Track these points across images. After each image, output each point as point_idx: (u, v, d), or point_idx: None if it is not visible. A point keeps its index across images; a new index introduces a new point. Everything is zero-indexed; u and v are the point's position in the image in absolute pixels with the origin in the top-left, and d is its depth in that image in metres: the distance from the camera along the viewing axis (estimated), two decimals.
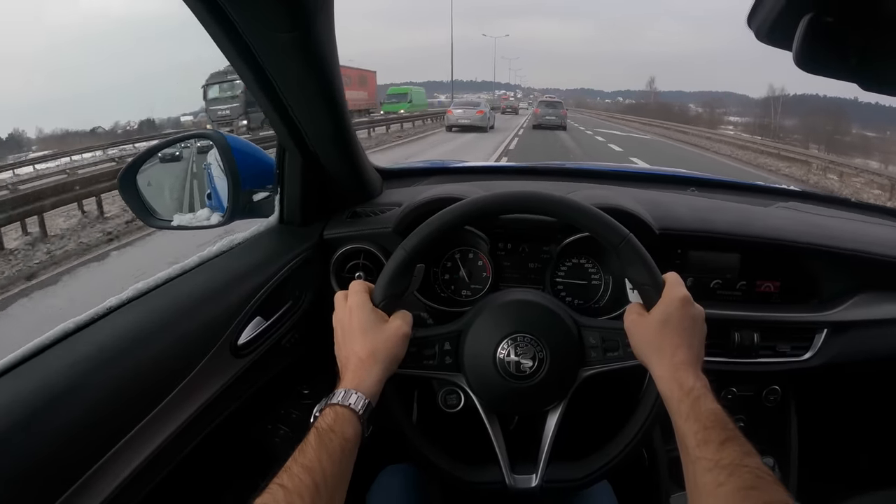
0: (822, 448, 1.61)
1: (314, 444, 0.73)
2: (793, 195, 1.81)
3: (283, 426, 1.36)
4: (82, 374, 0.79)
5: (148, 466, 0.83)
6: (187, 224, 1.32)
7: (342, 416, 0.77)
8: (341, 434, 0.75)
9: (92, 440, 0.76)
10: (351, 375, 0.83)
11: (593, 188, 1.56)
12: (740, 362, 1.28)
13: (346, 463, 0.75)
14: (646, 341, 0.87)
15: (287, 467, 0.70)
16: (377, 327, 0.88)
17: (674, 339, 0.84)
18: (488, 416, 0.99)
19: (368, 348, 0.86)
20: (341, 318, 0.91)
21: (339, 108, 1.14)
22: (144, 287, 1.01)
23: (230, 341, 1.02)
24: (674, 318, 0.86)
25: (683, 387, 0.80)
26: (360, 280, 0.94)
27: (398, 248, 0.94)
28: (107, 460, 0.77)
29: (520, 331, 0.96)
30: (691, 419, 0.76)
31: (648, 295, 0.90)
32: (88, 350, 0.84)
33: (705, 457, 0.71)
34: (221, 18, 0.85)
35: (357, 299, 0.90)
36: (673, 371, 0.82)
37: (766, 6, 0.94)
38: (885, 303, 1.37)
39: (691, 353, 0.84)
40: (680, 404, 0.78)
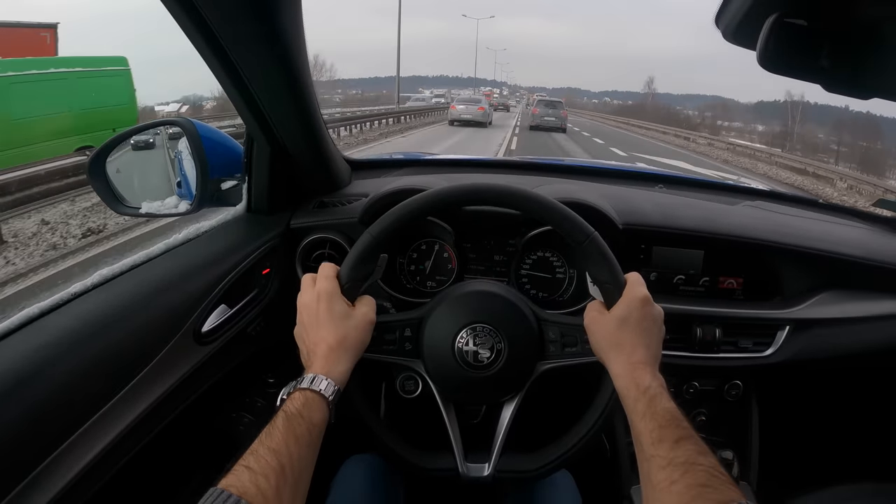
0: (782, 442, 1.64)
1: (282, 427, 0.73)
2: (760, 194, 1.84)
3: (248, 414, 1.36)
4: (45, 360, 0.79)
5: (110, 452, 0.83)
6: (155, 212, 1.32)
7: (311, 401, 0.78)
8: (309, 419, 0.76)
9: (54, 425, 0.77)
10: (322, 362, 0.83)
11: (560, 182, 1.58)
12: (702, 357, 1.31)
13: (312, 448, 0.75)
14: (604, 339, 0.88)
15: (253, 449, 0.70)
16: (346, 315, 0.88)
17: (632, 337, 0.86)
18: (444, 403, 1.00)
19: (338, 336, 0.86)
20: (308, 303, 0.90)
21: (307, 98, 1.14)
22: (109, 273, 1.01)
23: (194, 328, 1.02)
24: (633, 317, 0.87)
25: (640, 385, 0.81)
26: (329, 263, 0.94)
27: (364, 232, 0.94)
28: (68, 446, 0.77)
29: (479, 321, 0.97)
30: (647, 417, 0.77)
31: (609, 293, 0.91)
32: (52, 336, 0.84)
33: (660, 454, 0.72)
34: (187, 5, 0.86)
35: (326, 285, 0.90)
36: (630, 369, 0.83)
37: (733, 7, 0.97)
38: (847, 301, 1.40)
39: (649, 352, 0.85)
40: (636, 403, 0.80)
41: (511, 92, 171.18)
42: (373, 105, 44.67)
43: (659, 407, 0.78)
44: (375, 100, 63.04)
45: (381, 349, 0.97)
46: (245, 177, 1.29)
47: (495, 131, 24.65)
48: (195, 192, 1.27)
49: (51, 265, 5.44)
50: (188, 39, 0.94)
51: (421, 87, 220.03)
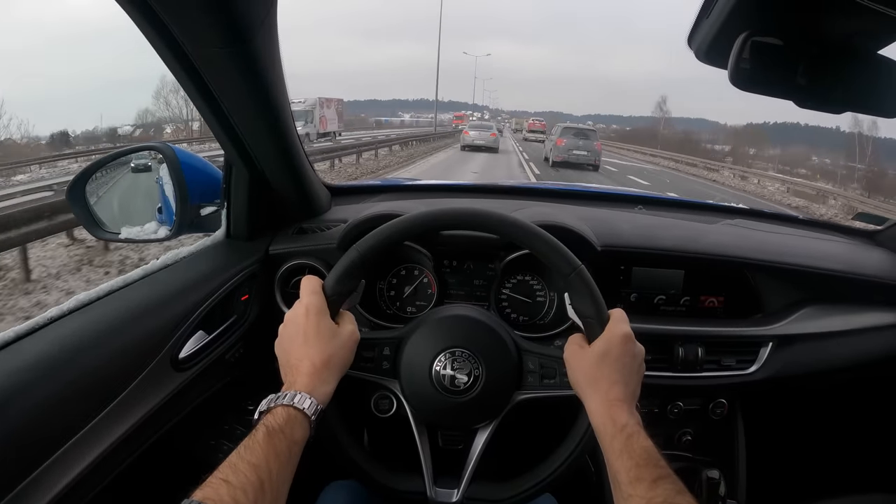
0: (769, 459, 1.64)
1: (262, 441, 0.72)
2: (740, 212, 1.86)
3: (227, 441, 1.34)
4: (19, 385, 0.78)
5: (85, 479, 0.82)
6: (135, 237, 1.31)
7: (293, 418, 0.77)
8: (290, 436, 0.75)
9: (28, 451, 0.76)
10: (306, 379, 0.83)
11: (539, 206, 1.58)
12: (685, 376, 1.30)
13: (291, 465, 0.75)
14: (583, 374, 0.88)
15: (232, 462, 0.69)
16: (333, 333, 0.88)
17: (611, 374, 0.85)
18: (418, 426, 1.00)
19: (324, 356, 0.85)
20: (294, 317, 0.89)
21: (284, 124, 1.14)
22: (86, 298, 1.00)
23: (171, 354, 1.02)
24: (613, 354, 0.87)
25: (617, 423, 0.80)
26: (313, 277, 0.93)
27: (351, 248, 0.94)
28: (42, 472, 0.76)
29: (459, 346, 0.97)
30: (624, 456, 0.77)
31: (591, 328, 0.91)
32: (27, 360, 0.83)
33: (637, 494, 0.72)
34: (163, 32, 0.86)
35: (314, 300, 0.89)
36: (607, 406, 0.83)
37: (704, 28, 1.00)
38: (829, 315, 1.41)
39: (627, 389, 0.85)
40: (613, 440, 0.79)
41: (493, 115, 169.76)
42: (350, 131, 43.99)
43: (636, 445, 0.77)
44: (350, 124, 61.35)
45: (358, 366, 0.96)
46: (224, 203, 1.29)
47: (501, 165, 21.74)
48: (174, 217, 1.26)
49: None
50: (166, 67, 0.94)
51: (400, 110, 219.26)
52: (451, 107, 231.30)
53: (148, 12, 0.82)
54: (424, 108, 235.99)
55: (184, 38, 0.87)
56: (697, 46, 1.02)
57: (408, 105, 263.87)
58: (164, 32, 0.86)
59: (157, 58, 0.92)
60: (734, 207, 1.98)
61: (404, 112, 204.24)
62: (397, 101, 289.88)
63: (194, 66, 0.94)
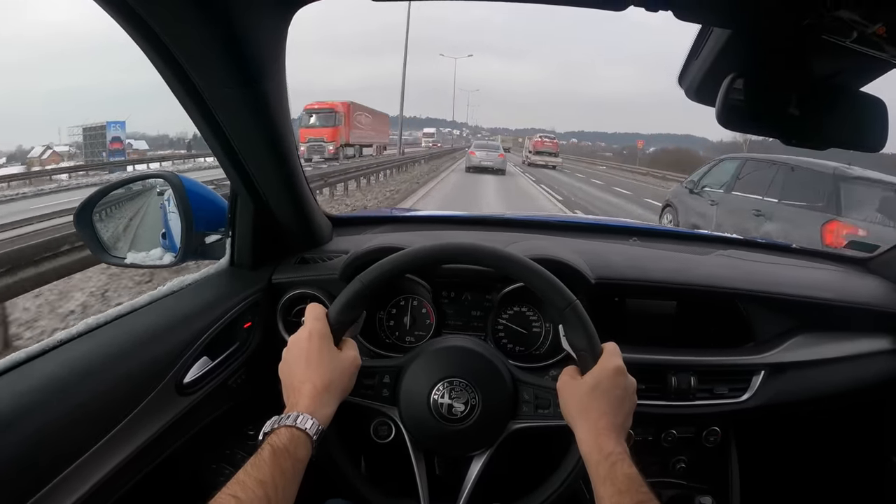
0: (762, 487, 1.64)
1: (268, 459, 0.75)
2: (733, 243, 1.88)
3: (228, 466, 1.36)
4: (30, 405, 0.80)
5: (88, 502, 0.83)
6: (140, 262, 1.34)
7: (297, 438, 0.80)
8: (294, 454, 0.78)
9: (34, 472, 0.77)
10: (307, 402, 0.85)
11: (535, 239, 1.61)
12: (678, 405, 1.32)
13: (295, 483, 0.77)
14: (573, 404, 0.91)
15: (240, 479, 0.72)
16: (335, 358, 0.91)
17: (601, 405, 0.88)
18: (415, 452, 1.02)
19: (325, 380, 0.88)
20: (298, 341, 0.92)
21: (289, 158, 1.18)
22: (94, 322, 1.03)
23: (176, 379, 1.04)
24: (604, 386, 0.89)
25: (603, 451, 0.83)
26: (317, 304, 0.96)
27: (354, 280, 0.98)
28: (47, 492, 0.77)
29: (456, 375, 1.00)
30: (607, 483, 0.79)
31: (585, 360, 0.94)
32: (36, 382, 0.85)
33: None
34: (177, 70, 0.90)
35: (318, 326, 0.92)
36: (595, 435, 0.85)
37: (694, 69, 1.04)
38: (820, 343, 1.43)
39: (616, 420, 0.87)
40: (598, 467, 0.82)
41: (472, 133, 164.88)
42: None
43: (619, 472, 0.80)
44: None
45: (359, 393, 0.99)
46: (229, 231, 1.32)
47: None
48: (179, 244, 1.29)
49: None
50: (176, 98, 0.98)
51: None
52: (427, 123, 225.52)
53: (163, 50, 0.86)
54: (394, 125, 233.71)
55: (198, 77, 0.92)
56: (687, 86, 1.06)
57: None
58: (176, 68, 0.90)
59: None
60: (727, 238, 2.00)
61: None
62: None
63: (206, 102, 0.98)
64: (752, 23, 0.86)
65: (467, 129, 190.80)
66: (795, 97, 0.93)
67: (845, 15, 0.74)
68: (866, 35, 0.76)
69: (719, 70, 0.95)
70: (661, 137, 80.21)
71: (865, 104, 0.97)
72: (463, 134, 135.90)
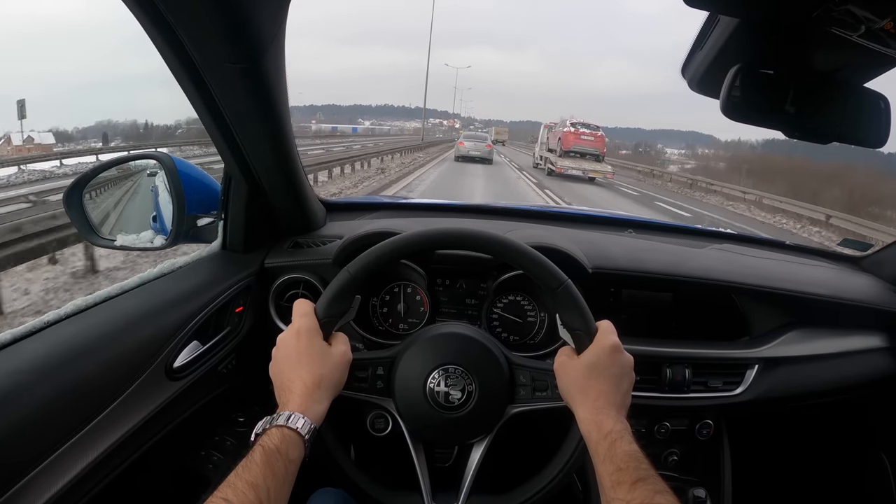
0: (754, 480, 1.66)
1: (259, 462, 0.74)
2: (728, 237, 1.90)
3: (217, 453, 1.35)
4: (14, 387, 0.79)
5: (77, 485, 0.82)
6: (130, 245, 1.32)
7: (289, 439, 0.79)
8: (286, 455, 0.77)
9: (20, 455, 0.76)
10: (299, 400, 0.84)
11: (532, 228, 1.61)
12: (672, 397, 1.32)
13: (287, 484, 0.76)
14: (572, 384, 0.91)
15: (231, 482, 0.71)
16: (325, 354, 0.90)
17: (599, 383, 0.88)
18: (414, 443, 1.01)
19: (315, 376, 0.87)
20: (286, 339, 0.91)
21: (286, 140, 1.17)
22: (83, 304, 1.01)
23: (165, 363, 1.03)
24: (601, 364, 0.89)
25: (602, 429, 0.83)
26: (305, 300, 0.95)
27: (343, 270, 0.97)
28: (35, 475, 0.77)
29: (452, 363, 0.99)
30: (607, 461, 0.79)
31: (580, 339, 0.94)
32: (24, 362, 0.84)
33: (618, 497, 0.74)
34: (174, 43, 0.88)
35: (305, 322, 0.92)
36: (594, 414, 0.85)
37: (698, 59, 1.03)
38: (814, 339, 1.44)
39: (615, 398, 0.87)
40: (598, 446, 0.82)
41: (465, 125, 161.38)
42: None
43: (619, 450, 0.80)
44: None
45: (352, 386, 0.98)
46: (222, 214, 1.30)
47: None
48: (171, 227, 1.27)
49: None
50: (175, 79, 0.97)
51: (361, 117, 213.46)
52: (418, 114, 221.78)
53: (162, 24, 0.84)
54: (388, 115, 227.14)
55: (195, 52, 0.90)
56: (691, 77, 1.05)
57: (370, 111, 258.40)
58: (176, 44, 0.88)
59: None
60: (723, 232, 2.01)
61: (365, 119, 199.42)
62: (359, 106, 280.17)
63: (203, 78, 0.96)
64: (762, 12, 0.85)
65: (459, 121, 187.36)
66: (800, 90, 0.93)
67: (854, 9, 0.73)
68: (874, 30, 0.75)
69: (724, 61, 0.94)
70: (664, 133, 76.78)
71: (869, 100, 0.96)
72: (456, 126, 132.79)
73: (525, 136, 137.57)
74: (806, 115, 0.94)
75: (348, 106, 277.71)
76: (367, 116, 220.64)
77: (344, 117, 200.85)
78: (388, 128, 78.42)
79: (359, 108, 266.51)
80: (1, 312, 4.85)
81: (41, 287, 5.55)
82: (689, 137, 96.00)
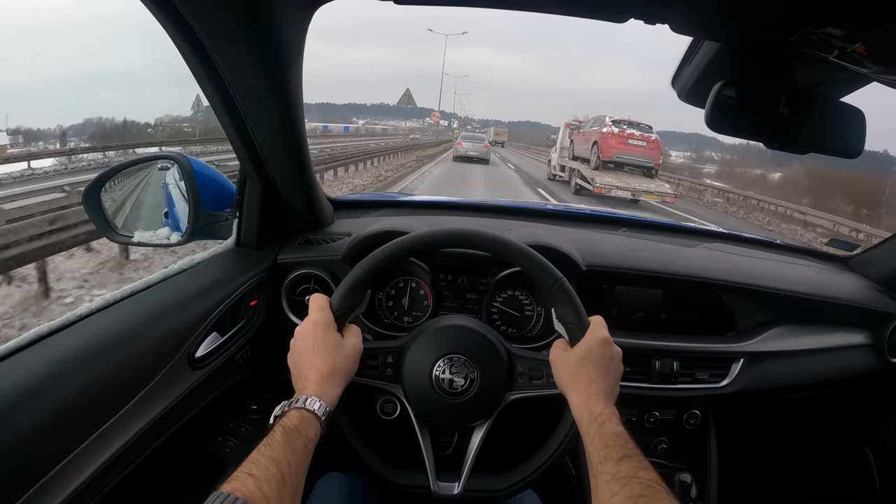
0: (739, 467, 1.73)
1: (280, 439, 0.81)
2: (719, 236, 1.96)
3: (233, 438, 1.42)
4: (52, 377, 0.84)
5: (108, 469, 0.88)
6: (147, 241, 1.38)
7: (306, 419, 0.86)
8: (304, 434, 0.84)
9: (57, 440, 0.82)
10: (315, 386, 0.92)
11: (529, 226, 1.67)
12: (661, 388, 1.40)
13: (306, 460, 0.83)
14: (566, 372, 0.98)
15: (254, 458, 0.77)
16: (338, 345, 0.97)
17: (591, 372, 0.95)
18: (420, 426, 1.08)
19: (330, 365, 0.94)
20: (304, 332, 0.98)
21: (300, 145, 1.24)
22: (112, 298, 1.08)
23: (188, 353, 1.09)
24: (593, 355, 0.97)
25: (593, 412, 0.90)
26: (320, 294, 1.03)
27: (356, 266, 1.04)
28: (70, 461, 0.82)
29: (456, 352, 1.06)
30: (596, 439, 0.87)
31: (574, 333, 1.01)
32: (60, 354, 0.89)
33: (605, 471, 0.81)
34: (205, 59, 0.96)
35: (321, 316, 0.99)
36: (586, 399, 0.93)
37: (686, 72, 1.11)
38: (797, 335, 1.51)
39: (605, 386, 0.95)
40: (588, 427, 0.89)
41: (461, 124, 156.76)
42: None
43: (607, 430, 0.87)
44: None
45: (364, 373, 1.05)
46: (236, 212, 1.36)
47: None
48: (186, 224, 1.33)
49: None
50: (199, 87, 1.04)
51: (356, 116, 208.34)
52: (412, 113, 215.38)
53: (195, 41, 0.92)
54: (383, 114, 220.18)
55: (225, 68, 0.98)
56: (680, 88, 1.12)
57: (364, 110, 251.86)
58: (206, 60, 0.96)
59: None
60: (713, 231, 2.07)
61: (359, 118, 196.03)
62: (353, 104, 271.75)
63: (229, 91, 1.04)
64: (743, 37, 0.92)
65: (456, 121, 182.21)
66: (779, 105, 1.00)
67: (829, 34, 0.79)
68: (847, 52, 0.82)
69: (710, 76, 1.01)
70: (666, 136, 71.03)
71: (845, 113, 1.03)
72: (453, 125, 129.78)
73: (525, 136, 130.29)
74: (786, 128, 1.01)
75: (343, 104, 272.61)
76: (363, 115, 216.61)
77: (338, 116, 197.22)
78: (382, 127, 76.91)
79: (354, 107, 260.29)
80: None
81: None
82: (693, 140, 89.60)
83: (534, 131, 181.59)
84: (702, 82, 1.03)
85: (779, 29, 0.83)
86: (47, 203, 7.54)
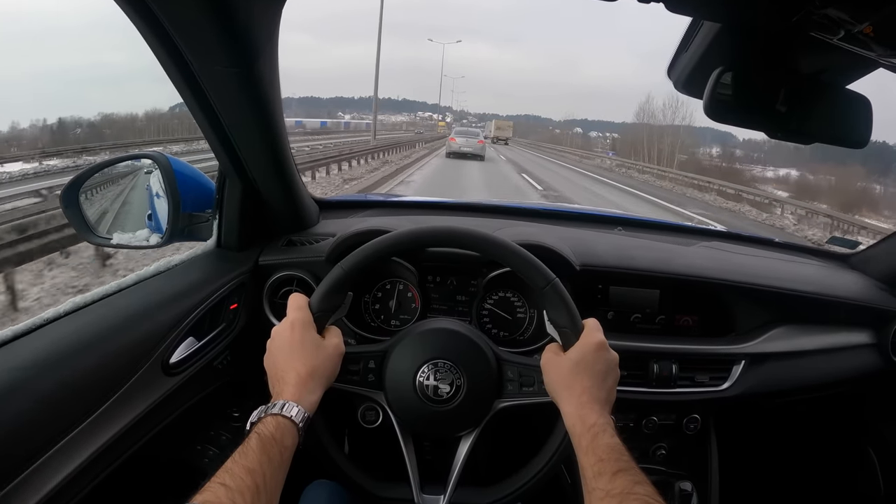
0: (741, 474, 1.68)
1: (256, 448, 0.76)
2: (717, 235, 1.91)
3: (213, 447, 1.37)
4: (16, 383, 0.80)
5: (75, 480, 0.84)
6: (126, 243, 1.34)
7: (283, 426, 0.81)
8: (281, 442, 0.79)
9: (20, 450, 0.77)
10: (292, 390, 0.87)
11: (521, 225, 1.63)
12: (660, 392, 1.35)
13: (283, 470, 0.79)
14: (558, 379, 0.93)
15: (228, 468, 0.73)
16: (318, 345, 0.92)
17: (584, 380, 0.90)
18: (404, 435, 1.03)
19: (309, 367, 0.89)
20: (281, 331, 0.94)
21: (279, 140, 1.19)
22: (82, 301, 1.03)
23: (162, 359, 1.04)
24: (587, 361, 0.91)
25: (586, 423, 0.85)
26: (299, 294, 0.98)
27: (336, 266, 0.99)
28: (34, 470, 0.78)
29: (441, 357, 1.01)
30: (589, 453, 0.82)
31: (567, 337, 0.96)
32: (24, 359, 0.85)
33: (599, 487, 0.77)
34: (171, 47, 0.91)
35: (299, 315, 0.94)
36: (579, 408, 0.88)
37: (683, 61, 1.06)
38: (799, 335, 1.46)
39: (600, 394, 0.90)
40: (581, 439, 0.84)
41: (457, 118, 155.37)
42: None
43: (601, 442, 0.82)
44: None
45: (344, 379, 1.00)
46: (216, 212, 1.32)
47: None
48: (166, 225, 1.29)
49: None
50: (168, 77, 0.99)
51: (342, 110, 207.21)
52: (405, 106, 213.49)
53: (158, 27, 0.86)
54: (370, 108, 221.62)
55: (191, 55, 0.92)
56: (676, 78, 1.08)
57: (352, 104, 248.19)
58: (172, 48, 0.91)
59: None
60: (711, 230, 2.04)
61: (345, 112, 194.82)
62: (340, 98, 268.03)
63: (198, 81, 0.98)
64: (742, 17, 0.87)
65: (451, 115, 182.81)
66: (782, 92, 0.95)
67: (833, 13, 0.75)
68: (853, 33, 0.77)
69: (708, 63, 0.96)
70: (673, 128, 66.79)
71: (851, 101, 0.98)
72: (447, 119, 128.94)
73: (529, 132, 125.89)
74: (790, 117, 0.96)
75: (329, 98, 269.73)
76: (350, 109, 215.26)
77: (323, 110, 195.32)
78: (368, 122, 76.69)
79: (341, 101, 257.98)
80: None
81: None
82: (706, 134, 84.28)
83: (538, 125, 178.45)
84: (699, 70, 0.99)
85: (780, 6, 0.78)
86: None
